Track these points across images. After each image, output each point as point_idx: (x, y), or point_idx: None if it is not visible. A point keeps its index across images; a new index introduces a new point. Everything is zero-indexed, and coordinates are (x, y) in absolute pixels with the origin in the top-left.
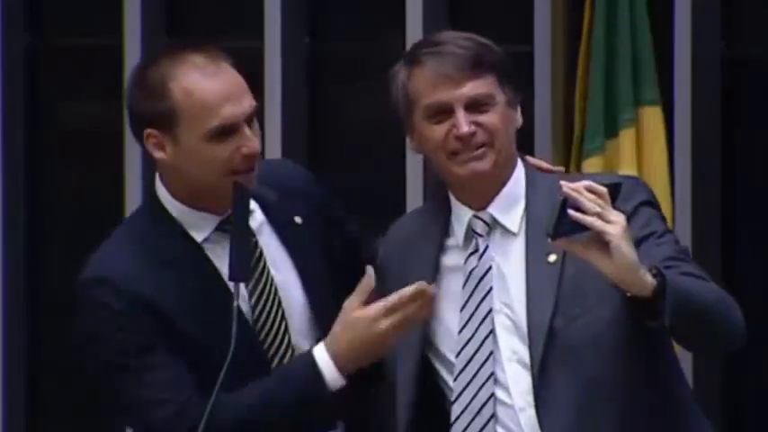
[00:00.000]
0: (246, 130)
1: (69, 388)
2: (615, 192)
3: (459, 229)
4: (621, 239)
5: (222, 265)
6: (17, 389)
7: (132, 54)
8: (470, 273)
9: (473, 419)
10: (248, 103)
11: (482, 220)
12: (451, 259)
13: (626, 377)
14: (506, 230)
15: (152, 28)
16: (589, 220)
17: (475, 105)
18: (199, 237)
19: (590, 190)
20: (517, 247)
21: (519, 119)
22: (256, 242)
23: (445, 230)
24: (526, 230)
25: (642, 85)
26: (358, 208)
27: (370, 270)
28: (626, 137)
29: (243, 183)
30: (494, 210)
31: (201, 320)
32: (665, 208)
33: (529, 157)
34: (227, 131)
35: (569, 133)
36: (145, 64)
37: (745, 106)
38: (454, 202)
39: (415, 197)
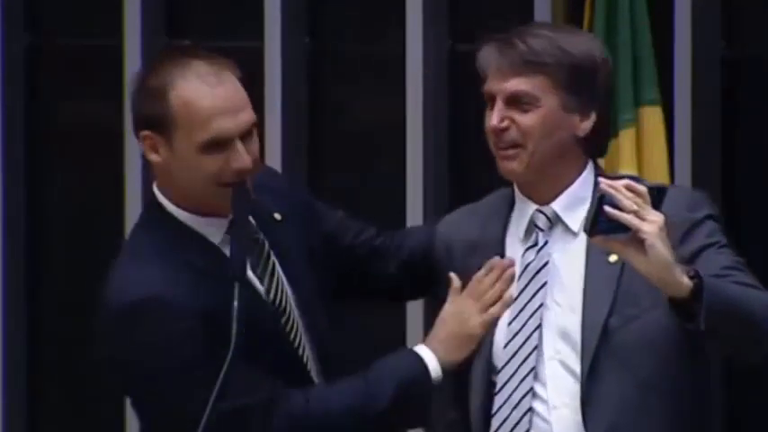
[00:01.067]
0: (239, 146)
1: (70, 389)
2: (658, 195)
3: (521, 223)
4: (656, 238)
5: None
6: (18, 389)
7: (132, 54)
8: (527, 266)
9: (511, 412)
10: (245, 117)
11: (545, 214)
12: (511, 252)
13: (675, 382)
14: (568, 229)
15: (152, 28)
16: (625, 216)
17: (516, 102)
18: (216, 240)
19: (629, 188)
20: (578, 247)
21: (583, 126)
22: (263, 239)
23: (506, 225)
24: None
25: (642, 85)
26: (358, 208)
27: (454, 276)
28: (626, 137)
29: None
30: (557, 206)
31: (243, 323)
32: None
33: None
34: (219, 145)
35: None
36: (150, 66)
37: (745, 106)
38: (518, 196)
39: (415, 197)
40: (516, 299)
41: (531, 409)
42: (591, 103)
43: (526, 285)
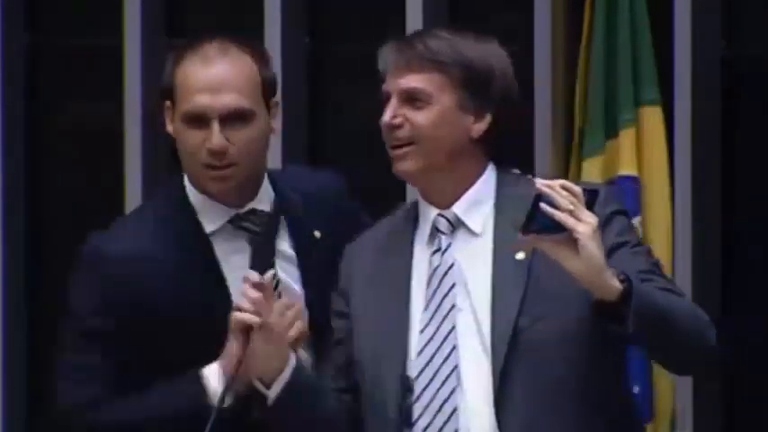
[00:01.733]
0: (215, 126)
1: None
2: (592, 197)
3: (425, 229)
4: (590, 239)
5: (225, 261)
6: (18, 389)
7: (132, 54)
8: (434, 270)
9: (434, 418)
10: (226, 100)
11: (446, 218)
12: (420, 259)
13: (588, 381)
14: (470, 231)
15: (152, 28)
16: (560, 215)
17: (410, 99)
18: (210, 227)
19: (565, 188)
20: (482, 248)
21: (477, 127)
22: (276, 275)
23: (414, 233)
24: (494, 231)
25: (642, 85)
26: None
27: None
28: (626, 137)
29: (218, 193)
30: (458, 209)
31: (188, 310)
32: (665, 208)
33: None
34: (197, 120)
35: (569, 133)
36: (181, 46)
37: (745, 106)
38: (421, 201)
39: (414, 197)
40: (427, 306)
41: (455, 412)
42: (486, 106)
43: (435, 290)
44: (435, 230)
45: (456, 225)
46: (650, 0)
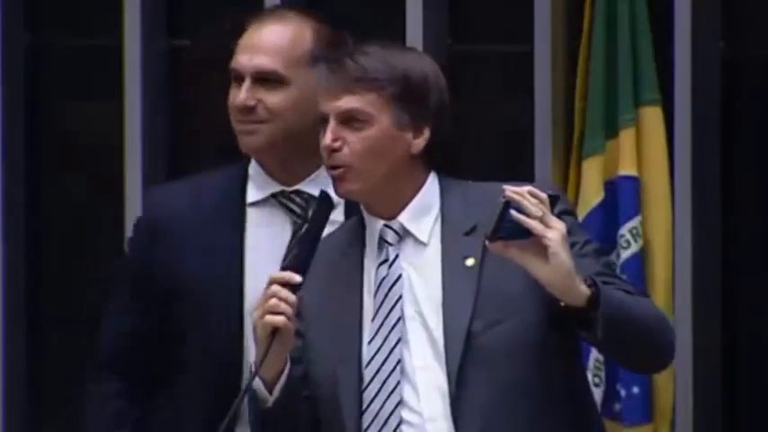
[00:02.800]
0: (246, 84)
1: (70, 394)
2: (554, 201)
3: (372, 241)
4: (560, 246)
5: (253, 232)
6: (18, 393)
7: (132, 54)
8: (381, 282)
9: (382, 428)
10: (259, 61)
11: (392, 229)
12: (370, 272)
13: (544, 385)
14: (417, 240)
15: (152, 28)
16: (531, 222)
17: (348, 120)
18: (253, 197)
19: (533, 195)
20: (431, 256)
21: (417, 142)
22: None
23: (362, 243)
24: (441, 238)
25: (642, 86)
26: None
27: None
28: (626, 137)
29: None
30: (404, 219)
31: (206, 274)
32: (666, 208)
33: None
34: (237, 78)
35: (569, 134)
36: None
37: (745, 107)
38: (365, 214)
39: None
40: (374, 317)
41: (400, 425)
42: (424, 120)
43: (382, 302)
44: (382, 241)
45: (403, 235)
46: (650, 0)
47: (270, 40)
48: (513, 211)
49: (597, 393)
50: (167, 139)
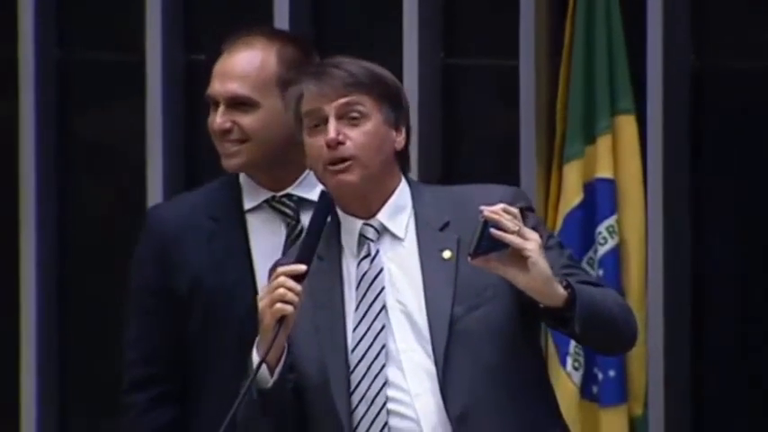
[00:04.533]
0: (220, 109)
1: (97, 395)
2: (522, 213)
3: (351, 239)
4: (539, 255)
5: (255, 237)
6: (51, 395)
7: (153, 68)
8: (363, 275)
9: (368, 408)
10: (231, 87)
11: (372, 226)
12: (349, 268)
13: (518, 362)
14: (394, 236)
15: (171, 44)
16: (509, 237)
17: (347, 116)
18: (248, 204)
19: (506, 211)
20: (408, 250)
21: (400, 140)
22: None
23: (338, 243)
24: (416, 233)
25: (618, 96)
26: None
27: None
28: (603, 143)
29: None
30: (383, 217)
31: (218, 278)
32: (639, 208)
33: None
34: (213, 103)
35: (552, 139)
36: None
37: (712, 115)
38: (342, 216)
39: None
40: (357, 307)
41: (385, 404)
42: (401, 120)
43: (365, 293)
44: (363, 238)
45: (381, 232)
46: (625, 17)
47: (240, 67)
48: (492, 229)
49: (577, 377)
50: (186, 146)
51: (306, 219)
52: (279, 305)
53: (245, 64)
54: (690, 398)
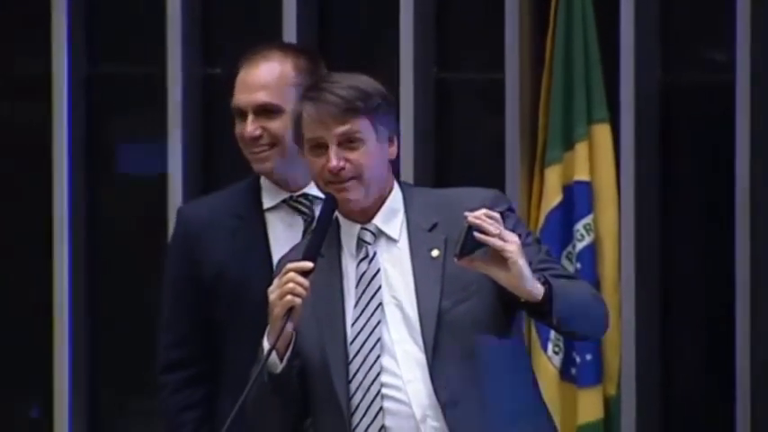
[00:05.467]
0: (249, 118)
1: (124, 374)
2: (503, 214)
3: (350, 241)
4: (518, 256)
5: (273, 233)
6: (81, 373)
7: (173, 81)
8: (362, 275)
9: (365, 395)
10: (260, 97)
11: (369, 230)
12: (348, 267)
13: (502, 353)
14: (389, 238)
15: (190, 59)
16: (491, 240)
17: (346, 142)
18: (268, 203)
19: (488, 216)
20: (401, 251)
21: (392, 151)
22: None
23: (339, 245)
24: (408, 235)
25: (594, 107)
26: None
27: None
28: (580, 149)
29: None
30: (378, 222)
31: (242, 273)
32: (613, 208)
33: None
34: (239, 113)
35: (534, 146)
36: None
37: (679, 125)
38: (342, 220)
39: None
40: (356, 303)
41: (380, 390)
42: (393, 130)
43: (363, 291)
44: (361, 241)
45: (377, 235)
46: (600, 35)
47: (263, 78)
48: (475, 233)
49: (557, 360)
50: (203, 152)
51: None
52: (288, 297)
53: (266, 75)
54: (659, 379)
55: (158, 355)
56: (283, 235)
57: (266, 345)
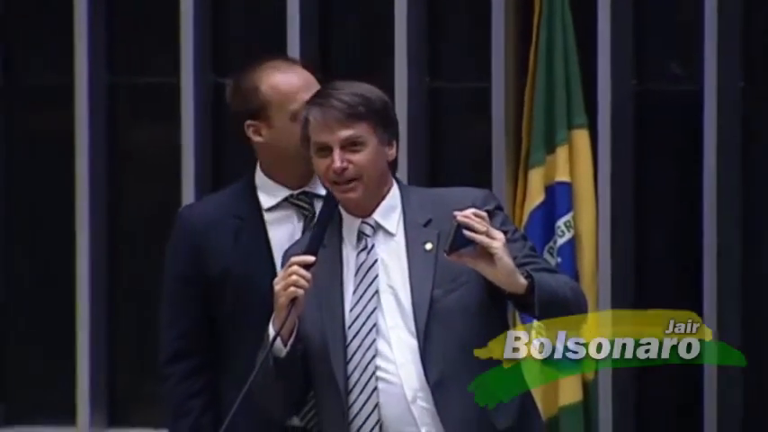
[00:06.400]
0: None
1: (140, 359)
2: (491, 214)
3: (351, 234)
4: (504, 252)
5: (274, 232)
6: (101, 357)
7: (186, 90)
8: (361, 264)
9: (361, 374)
10: (308, 96)
11: (369, 224)
12: (348, 257)
13: (488, 339)
14: (387, 232)
15: (201, 69)
16: (478, 237)
17: (349, 145)
18: (267, 203)
19: (476, 215)
20: (397, 244)
21: (392, 153)
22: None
23: (341, 237)
24: (405, 230)
25: (573, 113)
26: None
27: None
28: (561, 152)
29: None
30: (377, 216)
31: (246, 270)
32: (590, 206)
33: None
34: (300, 114)
35: (519, 149)
36: (239, 78)
37: (652, 130)
38: (345, 215)
39: None
40: (355, 290)
41: (375, 372)
42: (392, 135)
43: (362, 279)
44: (361, 234)
45: (376, 228)
46: (579, 49)
47: (305, 80)
48: (464, 231)
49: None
50: (213, 156)
51: (318, 209)
52: (292, 289)
53: (306, 78)
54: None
55: (162, 348)
56: (283, 231)
57: (271, 331)
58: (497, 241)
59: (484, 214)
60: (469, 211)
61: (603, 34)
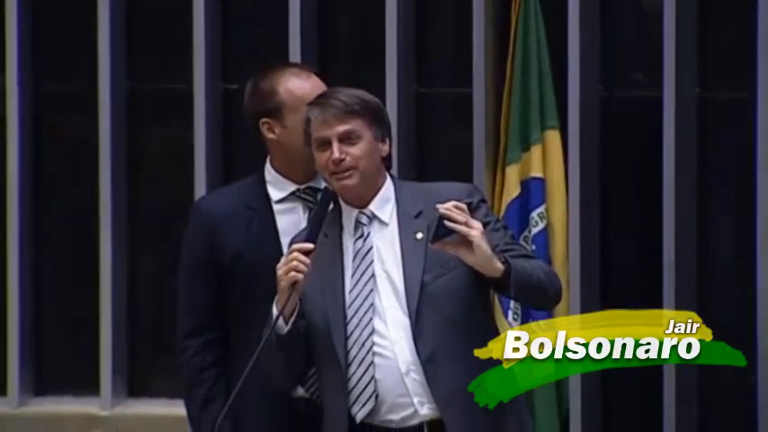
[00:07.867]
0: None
1: (157, 338)
2: (470, 207)
3: (349, 223)
4: (481, 240)
5: (282, 221)
6: (122, 337)
7: (198, 95)
8: (358, 251)
9: (360, 350)
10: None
11: (365, 214)
12: (347, 244)
13: (472, 320)
14: (382, 222)
15: (212, 76)
16: (458, 227)
17: (346, 139)
18: (276, 196)
19: (457, 207)
20: (391, 232)
21: (385, 149)
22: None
23: (340, 226)
24: (398, 220)
25: (546, 116)
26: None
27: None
28: (535, 151)
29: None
30: (373, 207)
31: (257, 256)
32: (562, 200)
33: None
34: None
35: (497, 148)
36: (257, 79)
37: (616, 131)
38: (344, 206)
39: None
40: (353, 274)
41: (372, 347)
42: (386, 133)
43: (359, 264)
44: (358, 223)
45: (372, 218)
46: (552, 57)
47: (322, 85)
48: (446, 222)
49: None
50: (223, 157)
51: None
52: (292, 273)
53: (319, 86)
54: None
55: (179, 325)
56: (290, 222)
57: (275, 311)
58: (475, 230)
59: (464, 206)
60: (450, 204)
61: (573, 45)
